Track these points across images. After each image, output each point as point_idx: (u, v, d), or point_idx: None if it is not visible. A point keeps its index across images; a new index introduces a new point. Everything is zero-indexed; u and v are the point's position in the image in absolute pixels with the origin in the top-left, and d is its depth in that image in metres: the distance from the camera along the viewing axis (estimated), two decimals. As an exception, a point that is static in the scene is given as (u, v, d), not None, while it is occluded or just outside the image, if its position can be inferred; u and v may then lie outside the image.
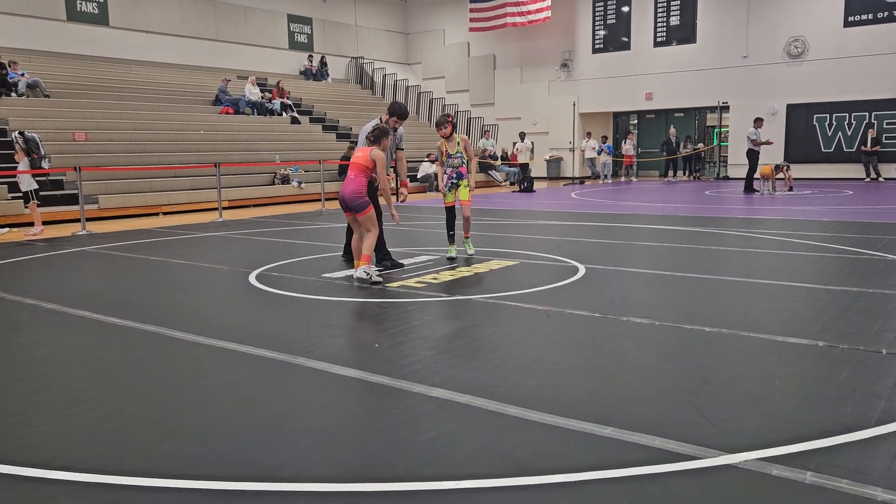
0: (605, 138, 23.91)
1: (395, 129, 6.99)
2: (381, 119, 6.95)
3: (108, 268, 7.57)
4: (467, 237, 7.55)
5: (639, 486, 2.43)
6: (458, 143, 7.27)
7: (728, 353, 3.94)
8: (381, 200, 6.69)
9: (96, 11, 19.77)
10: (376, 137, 6.24)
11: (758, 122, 16.61)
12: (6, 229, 11.07)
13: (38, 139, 10.84)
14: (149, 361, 4.00)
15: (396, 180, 18.51)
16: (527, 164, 20.83)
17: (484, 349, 4.11)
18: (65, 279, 6.86)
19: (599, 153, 23.58)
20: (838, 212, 11.68)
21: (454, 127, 7.29)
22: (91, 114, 16.06)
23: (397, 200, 7.53)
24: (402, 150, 7.31)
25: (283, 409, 3.20)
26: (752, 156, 16.41)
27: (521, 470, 2.55)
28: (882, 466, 2.52)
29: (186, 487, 2.48)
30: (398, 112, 6.94)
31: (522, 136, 21.69)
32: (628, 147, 23.94)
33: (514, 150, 22.43)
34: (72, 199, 12.39)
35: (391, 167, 7.97)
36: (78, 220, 11.24)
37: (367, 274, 5.91)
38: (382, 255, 6.86)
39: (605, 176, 23.35)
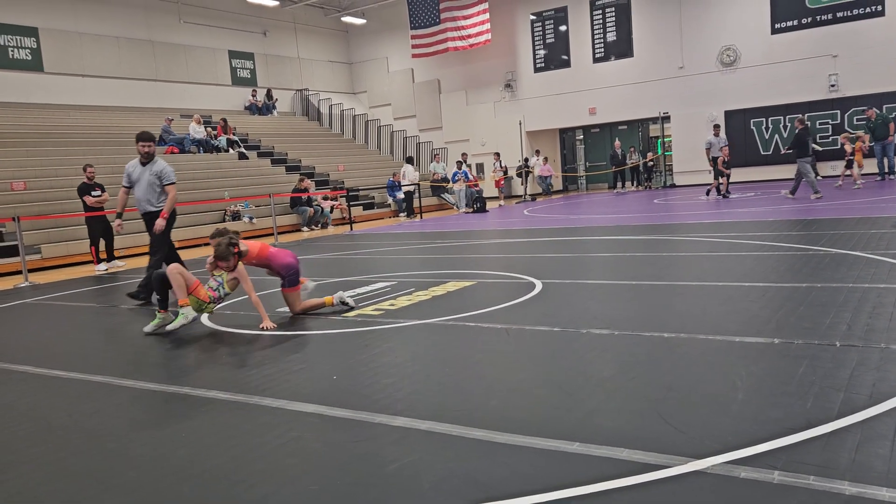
0: (459, 163, 21.19)
1: (148, 155, 7.49)
2: (138, 151, 7.50)
3: (52, 319, 7.27)
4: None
5: (608, 500, 2.37)
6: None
7: (689, 358, 3.94)
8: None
9: (30, 58, 19.26)
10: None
11: (716, 128, 17.49)
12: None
13: None
14: (95, 414, 3.81)
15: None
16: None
17: (445, 372, 4.03)
18: (5, 334, 6.55)
19: (455, 179, 21.04)
20: (781, 211, 11.99)
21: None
22: (29, 162, 15.58)
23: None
24: (173, 183, 7.56)
25: (237, 454, 3.06)
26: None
27: (488, 495, 2.47)
28: (847, 459, 2.51)
29: (136, 546, 2.33)
30: (143, 135, 7.54)
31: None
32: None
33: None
34: (12, 251, 11.95)
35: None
36: (20, 273, 10.83)
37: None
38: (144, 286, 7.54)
39: (465, 204, 20.61)
